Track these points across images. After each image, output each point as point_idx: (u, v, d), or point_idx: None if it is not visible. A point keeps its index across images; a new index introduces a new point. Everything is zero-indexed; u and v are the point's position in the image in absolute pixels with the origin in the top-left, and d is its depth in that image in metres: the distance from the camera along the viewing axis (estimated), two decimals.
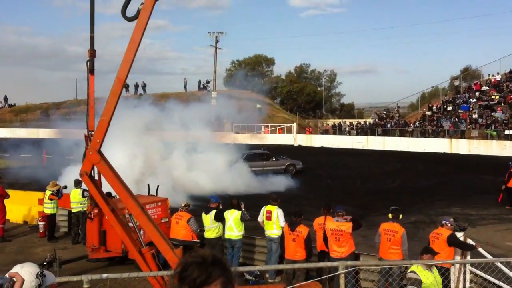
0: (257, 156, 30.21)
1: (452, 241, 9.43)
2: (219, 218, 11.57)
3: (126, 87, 57.24)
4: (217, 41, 58.89)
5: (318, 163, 33.48)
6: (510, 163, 19.93)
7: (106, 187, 8.46)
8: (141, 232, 8.82)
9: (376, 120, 51.18)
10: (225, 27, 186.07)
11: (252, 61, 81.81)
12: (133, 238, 8.45)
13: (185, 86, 64.87)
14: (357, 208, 19.20)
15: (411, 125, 46.46)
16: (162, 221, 12.66)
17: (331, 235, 10.07)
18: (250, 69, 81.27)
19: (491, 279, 9.50)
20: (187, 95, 62.05)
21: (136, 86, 62.90)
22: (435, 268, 7.46)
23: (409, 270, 7.23)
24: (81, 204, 14.98)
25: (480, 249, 9.90)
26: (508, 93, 45.96)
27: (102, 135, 8.02)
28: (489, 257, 9.78)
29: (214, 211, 11.67)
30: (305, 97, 72.49)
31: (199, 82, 65.75)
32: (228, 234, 11.56)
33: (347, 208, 10.93)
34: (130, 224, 8.70)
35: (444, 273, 8.63)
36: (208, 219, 11.64)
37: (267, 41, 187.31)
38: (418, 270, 7.04)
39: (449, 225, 9.69)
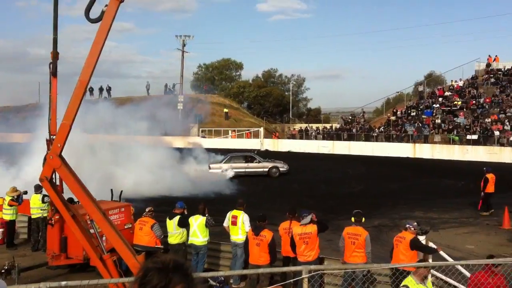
0: (240, 158, 31.03)
1: (414, 245, 9.55)
2: (183, 224, 11.47)
3: (90, 90, 56.39)
4: (184, 45, 58.56)
5: None
6: (484, 168, 20.10)
7: (68, 192, 8.31)
8: (104, 238, 8.67)
9: (342, 125, 51.74)
10: (192, 31, 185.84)
11: (220, 65, 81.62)
12: (94, 244, 8.30)
13: (147, 90, 64.05)
14: (323, 212, 19.32)
15: (376, 130, 47.12)
16: (126, 227, 12.47)
17: (299, 240, 10.06)
18: (217, 73, 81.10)
19: (452, 281, 9.68)
20: (152, 99, 61.52)
21: (101, 89, 61.95)
22: (429, 281, 7.44)
23: (402, 284, 7.13)
24: (41, 210, 14.61)
25: (441, 252, 10.08)
26: (470, 98, 47.12)
27: (63, 139, 7.87)
28: (450, 260, 9.97)
29: (178, 217, 11.56)
30: (272, 101, 72.74)
31: (166, 85, 65.20)
32: (193, 240, 11.47)
33: (312, 212, 10.94)
34: (92, 230, 8.54)
35: (406, 276, 8.74)
36: (171, 224, 11.52)
37: (235, 45, 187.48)
38: (411, 284, 6.96)
39: (412, 229, 9.80)
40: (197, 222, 11.40)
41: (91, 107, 29.58)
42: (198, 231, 11.38)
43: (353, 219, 10.22)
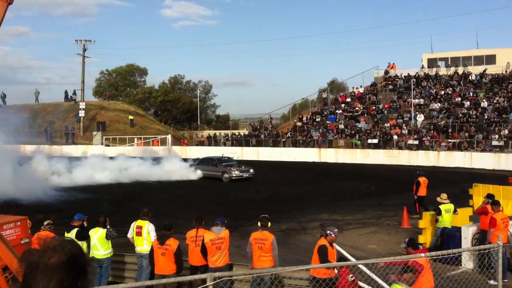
0: (207, 161, 33.18)
1: (319, 252, 9.54)
2: (81, 237, 10.90)
3: None
4: (84, 50, 56.13)
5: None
6: (417, 172, 20.46)
7: None
8: None
9: (250, 131, 52.23)
10: (94, 36, 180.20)
11: (123, 71, 79.32)
12: None
13: (36, 97, 60.36)
14: (232, 218, 19.26)
15: (283, 135, 48.03)
16: (22, 241, 11.64)
17: (211, 246, 9.95)
18: (121, 79, 78.89)
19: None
20: (54, 106, 58.83)
21: None
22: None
23: None
24: None
25: (345, 252, 10.34)
26: (370, 104, 49.35)
27: None
28: (353, 259, 10.24)
29: (76, 229, 10.99)
30: (181, 108, 71.97)
31: (66, 92, 62.24)
32: (94, 253, 10.92)
33: (226, 220, 10.81)
34: None
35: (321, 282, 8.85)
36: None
37: (139, 51, 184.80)
38: None
39: (333, 235, 9.56)
40: (97, 234, 10.88)
41: None
42: (98, 244, 10.86)
43: (259, 223, 10.24)
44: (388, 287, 9.21)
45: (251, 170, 31.86)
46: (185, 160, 35.99)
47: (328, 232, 9.70)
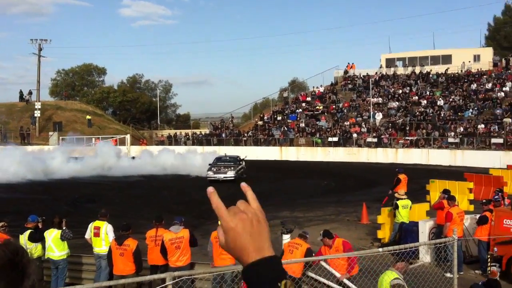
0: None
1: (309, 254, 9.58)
2: (34, 238, 10.59)
3: None
4: (40, 49, 54.70)
5: (153, 174, 33.03)
6: (397, 169, 20.38)
7: None
8: None
9: (211, 130, 52.03)
10: (50, 35, 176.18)
11: (81, 70, 77.66)
12: None
13: None
14: (193, 218, 19.12)
15: (245, 134, 48.03)
16: None
17: (170, 245, 9.83)
18: (78, 79, 77.31)
19: (313, 275, 10.04)
20: (8, 106, 57.24)
21: None
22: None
23: (391, 280, 7.27)
24: None
25: None
26: (330, 103, 49.92)
27: None
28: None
29: (29, 231, 10.67)
30: (140, 107, 71.00)
31: (21, 92, 60.55)
32: (49, 255, 10.65)
33: (184, 219, 10.73)
34: None
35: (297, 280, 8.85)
36: (22, 239, 10.61)
37: (97, 50, 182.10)
38: (398, 275, 7.36)
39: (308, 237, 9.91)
40: (52, 236, 10.59)
41: None
42: (53, 245, 10.58)
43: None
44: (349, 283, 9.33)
45: (230, 173, 30.44)
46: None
47: (307, 235, 10.01)
